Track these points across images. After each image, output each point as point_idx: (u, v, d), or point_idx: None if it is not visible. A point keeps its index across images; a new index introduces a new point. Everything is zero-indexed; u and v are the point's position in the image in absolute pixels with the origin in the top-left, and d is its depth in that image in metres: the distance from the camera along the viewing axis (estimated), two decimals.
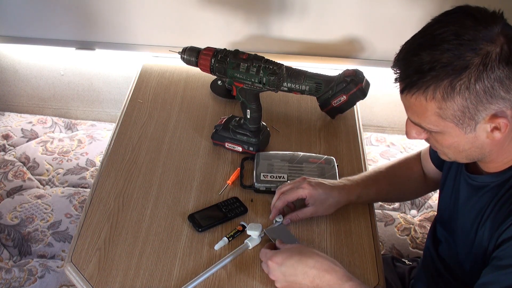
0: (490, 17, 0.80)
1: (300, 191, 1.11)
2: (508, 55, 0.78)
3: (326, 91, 1.38)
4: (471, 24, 0.79)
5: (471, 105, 0.80)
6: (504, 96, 0.79)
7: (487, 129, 0.83)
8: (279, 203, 1.12)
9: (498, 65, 0.77)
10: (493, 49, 0.77)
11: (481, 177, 0.95)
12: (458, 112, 0.81)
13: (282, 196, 1.12)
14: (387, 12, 1.83)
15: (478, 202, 0.95)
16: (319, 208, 1.12)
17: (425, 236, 1.69)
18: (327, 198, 1.12)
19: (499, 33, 0.78)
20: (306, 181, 1.12)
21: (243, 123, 1.31)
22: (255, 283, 1.03)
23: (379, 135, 2.18)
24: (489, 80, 0.77)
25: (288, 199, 1.12)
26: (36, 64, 2.18)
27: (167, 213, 1.17)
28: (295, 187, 1.12)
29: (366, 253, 1.10)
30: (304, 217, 1.13)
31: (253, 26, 1.90)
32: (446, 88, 0.79)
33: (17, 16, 1.98)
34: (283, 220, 1.12)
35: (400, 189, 1.23)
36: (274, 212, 1.13)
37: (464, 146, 0.87)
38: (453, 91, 0.79)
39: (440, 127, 0.85)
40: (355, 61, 1.94)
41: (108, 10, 1.92)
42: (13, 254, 1.60)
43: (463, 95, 0.79)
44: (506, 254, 0.85)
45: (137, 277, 1.03)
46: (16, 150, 1.99)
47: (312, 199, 1.11)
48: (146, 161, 1.30)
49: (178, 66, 1.60)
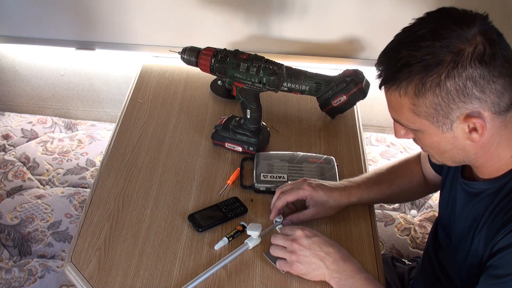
0: (470, 18, 0.81)
1: (300, 192, 1.11)
2: (482, 55, 0.78)
3: (326, 91, 1.39)
4: (449, 24, 0.80)
5: (443, 102, 0.80)
6: (479, 96, 0.79)
7: (465, 130, 0.83)
8: (279, 203, 1.12)
9: (470, 63, 0.77)
10: (466, 48, 0.78)
11: (476, 183, 0.94)
12: (431, 109, 0.82)
13: (282, 196, 1.12)
14: (387, 12, 1.83)
15: (473, 209, 0.94)
16: (319, 210, 1.12)
17: (425, 236, 1.69)
18: (327, 200, 1.11)
19: (477, 33, 0.79)
20: (306, 183, 1.12)
21: (243, 123, 1.31)
22: (255, 283, 1.03)
23: (379, 135, 2.18)
24: (461, 78, 0.78)
25: (288, 199, 1.12)
26: (36, 64, 2.18)
27: (167, 213, 1.17)
28: (295, 187, 1.12)
29: (366, 253, 1.10)
30: (305, 219, 1.13)
31: (253, 26, 1.90)
32: (418, 84, 0.80)
33: (17, 16, 1.98)
34: (283, 220, 1.12)
35: (401, 190, 1.22)
36: (274, 212, 1.13)
37: (445, 147, 0.87)
38: (424, 88, 0.80)
39: (416, 124, 0.86)
40: (355, 61, 1.94)
41: (108, 10, 1.92)
42: (13, 254, 1.60)
43: (434, 92, 0.80)
44: (502, 263, 0.84)
45: (137, 277, 1.03)
46: (16, 150, 1.99)
47: (312, 201, 1.11)
48: (146, 161, 1.30)
49: (178, 66, 1.60)
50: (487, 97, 0.80)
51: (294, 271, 1.01)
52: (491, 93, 0.79)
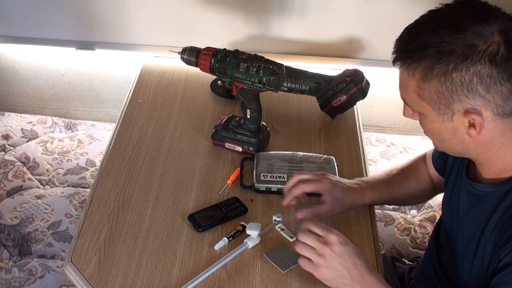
0: (492, 14, 0.80)
1: (319, 185, 1.09)
2: (494, 54, 0.77)
3: (326, 91, 1.38)
4: (470, 17, 0.80)
5: (446, 92, 0.81)
6: (483, 94, 0.79)
7: (465, 124, 0.83)
8: (297, 191, 1.09)
9: (480, 60, 0.77)
10: (481, 44, 0.78)
11: (481, 185, 0.93)
12: (434, 96, 0.82)
13: (301, 184, 1.09)
14: (387, 12, 1.83)
15: (478, 212, 0.93)
16: (336, 206, 1.10)
17: (425, 236, 1.69)
18: (344, 198, 1.10)
19: (496, 31, 0.78)
20: (327, 177, 1.11)
21: (243, 123, 1.31)
22: (255, 283, 1.03)
23: (379, 135, 2.18)
24: (468, 72, 0.78)
25: (306, 190, 1.09)
26: (36, 64, 2.18)
27: (167, 213, 1.17)
28: (315, 179, 1.10)
29: (366, 253, 1.10)
30: (320, 214, 1.11)
31: (253, 26, 1.90)
32: (426, 68, 0.81)
33: (17, 16, 1.98)
34: (298, 214, 1.09)
35: (410, 191, 1.21)
36: (289, 198, 1.10)
37: (445, 136, 0.87)
38: (431, 73, 0.81)
39: (420, 107, 0.86)
40: (355, 61, 1.94)
41: (108, 10, 1.92)
42: (13, 254, 1.60)
43: (439, 80, 0.80)
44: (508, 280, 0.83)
45: (137, 277, 1.03)
46: (16, 150, 1.99)
47: (330, 196, 1.09)
48: (146, 161, 1.30)
49: (178, 66, 1.60)
50: (492, 97, 0.79)
51: (317, 274, 0.96)
52: (496, 94, 0.79)
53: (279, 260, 1.07)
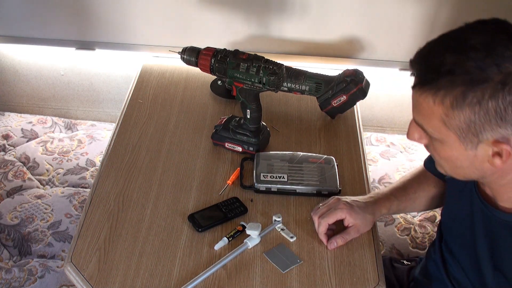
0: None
1: (338, 212, 1.10)
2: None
3: (326, 91, 1.39)
4: (504, 40, 0.75)
5: (479, 121, 0.76)
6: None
7: (488, 152, 0.79)
8: (322, 229, 1.10)
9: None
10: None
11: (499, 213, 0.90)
12: (464, 125, 0.77)
13: (322, 220, 1.10)
14: (387, 12, 1.83)
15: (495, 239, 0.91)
16: (360, 225, 1.11)
17: (425, 236, 1.69)
18: (364, 215, 1.11)
19: None
20: (341, 202, 1.11)
21: (243, 123, 1.31)
22: (255, 283, 1.03)
23: (379, 135, 2.18)
24: (504, 101, 0.73)
25: (329, 222, 1.10)
26: (36, 64, 2.18)
27: (167, 213, 1.17)
28: (332, 208, 1.11)
29: (366, 253, 1.10)
30: (350, 238, 1.11)
31: (253, 26, 1.90)
32: (458, 96, 0.75)
33: (17, 16, 1.98)
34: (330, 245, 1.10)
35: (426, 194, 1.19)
36: (324, 239, 1.11)
37: (462, 163, 0.83)
38: (464, 102, 0.75)
39: (442, 135, 0.81)
40: (355, 61, 1.94)
41: (108, 10, 1.92)
42: (13, 254, 1.60)
43: (473, 109, 0.75)
44: None
45: (137, 277, 1.03)
46: (16, 150, 1.99)
47: (352, 218, 1.10)
48: (146, 161, 1.30)
49: (178, 66, 1.60)
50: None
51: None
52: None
53: (279, 260, 1.07)
